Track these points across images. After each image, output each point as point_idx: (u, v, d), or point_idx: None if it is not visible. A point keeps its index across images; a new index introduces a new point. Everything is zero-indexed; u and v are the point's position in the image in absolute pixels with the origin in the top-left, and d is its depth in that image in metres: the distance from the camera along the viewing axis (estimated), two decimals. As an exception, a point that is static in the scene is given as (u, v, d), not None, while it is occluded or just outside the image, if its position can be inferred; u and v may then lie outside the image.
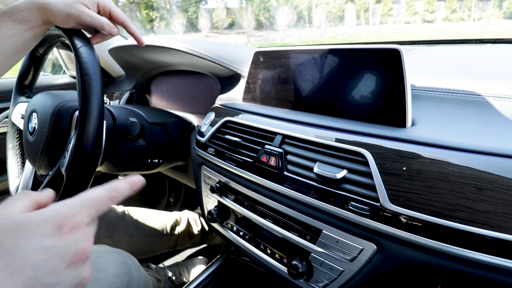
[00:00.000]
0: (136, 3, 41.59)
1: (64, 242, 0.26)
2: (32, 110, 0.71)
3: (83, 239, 0.27)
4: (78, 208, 0.28)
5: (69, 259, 0.26)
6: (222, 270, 0.81)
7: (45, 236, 0.25)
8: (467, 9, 43.08)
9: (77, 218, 0.27)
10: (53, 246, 0.25)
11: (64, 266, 0.26)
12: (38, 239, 0.25)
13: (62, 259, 0.26)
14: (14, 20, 0.56)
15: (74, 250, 0.26)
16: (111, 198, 0.31)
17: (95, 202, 0.29)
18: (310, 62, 0.61)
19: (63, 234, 0.26)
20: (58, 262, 0.25)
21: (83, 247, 0.27)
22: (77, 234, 0.27)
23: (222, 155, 0.69)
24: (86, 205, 0.29)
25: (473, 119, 0.46)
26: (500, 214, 0.37)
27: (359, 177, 0.47)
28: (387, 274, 0.46)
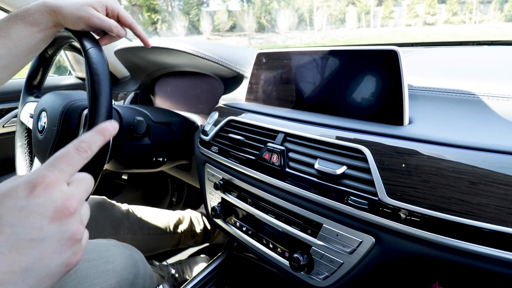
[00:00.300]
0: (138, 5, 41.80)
1: (39, 200, 0.26)
2: (41, 109, 0.74)
3: (61, 195, 0.28)
4: (47, 168, 0.28)
5: (49, 215, 0.26)
6: (224, 266, 0.83)
7: (19, 198, 0.26)
8: (468, 12, 43.12)
9: (48, 176, 0.28)
10: (28, 204, 0.26)
11: (46, 222, 0.26)
12: (12, 201, 0.26)
13: (41, 215, 0.26)
14: (26, 22, 0.59)
15: (53, 206, 0.27)
16: (79, 149, 0.30)
17: (63, 158, 0.29)
18: (310, 63, 0.63)
19: (37, 193, 0.27)
20: (37, 218, 0.26)
21: (63, 203, 0.27)
22: (52, 191, 0.27)
23: (225, 153, 0.71)
24: (54, 164, 0.29)
25: (468, 117, 0.48)
26: (492, 206, 0.39)
27: (358, 173, 0.49)
28: (385, 266, 0.48)
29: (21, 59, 0.62)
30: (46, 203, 0.27)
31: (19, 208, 0.26)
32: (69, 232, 0.28)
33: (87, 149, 0.31)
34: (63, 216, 0.27)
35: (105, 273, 0.60)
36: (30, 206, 0.26)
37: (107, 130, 0.33)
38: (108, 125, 0.33)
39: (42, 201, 0.27)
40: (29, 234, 0.26)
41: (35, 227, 0.26)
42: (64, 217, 0.27)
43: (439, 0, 45.03)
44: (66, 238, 0.27)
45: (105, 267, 0.61)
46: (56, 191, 0.27)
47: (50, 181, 0.27)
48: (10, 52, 0.59)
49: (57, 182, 0.28)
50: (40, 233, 0.26)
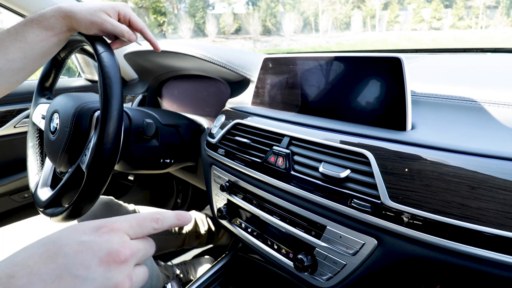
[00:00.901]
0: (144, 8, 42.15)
1: (99, 239, 0.28)
2: (54, 111, 0.76)
3: (119, 242, 0.28)
4: (120, 218, 0.31)
5: (101, 255, 0.27)
6: (229, 267, 0.84)
7: (84, 233, 0.28)
8: (474, 17, 42.91)
9: (116, 223, 0.29)
10: (87, 241, 0.27)
11: (95, 262, 0.26)
12: (77, 235, 0.28)
13: (94, 254, 0.27)
14: (41, 26, 0.61)
15: (107, 248, 0.27)
16: (153, 218, 0.32)
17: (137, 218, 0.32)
18: (316, 69, 0.64)
19: (100, 234, 0.28)
20: (89, 256, 0.26)
21: (118, 249, 0.28)
22: (113, 236, 0.28)
23: (231, 155, 0.72)
24: (127, 218, 0.31)
25: (469, 124, 0.49)
26: (492, 211, 0.40)
27: (362, 177, 0.50)
28: (387, 268, 0.49)
29: (36, 62, 0.64)
30: (103, 243, 0.28)
31: (80, 243, 0.27)
32: (113, 280, 0.27)
33: (160, 222, 0.33)
34: (113, 261, 0.27)
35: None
36: (89, 242, 0.27)
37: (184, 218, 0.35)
38: (188, 216, 0.36)
39: (100, 240, 0.28)
40: (76, 269, 0.26)
41: (83, 265, 0.26)
42: (114, 263, 0.27)
43: (445, 5, 44.90)
44: (109, 285, 0.27)
45: None
46: (116, 236, 0.29)
47: (115, 227, 0.29)
48: (26, 55, 0.61)
49: (121, 230, 0.29)
50: (86, 271, 0.26)
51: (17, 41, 0.59)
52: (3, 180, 1.19)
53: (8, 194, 1.23)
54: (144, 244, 0.31)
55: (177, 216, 0.34)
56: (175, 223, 0.34)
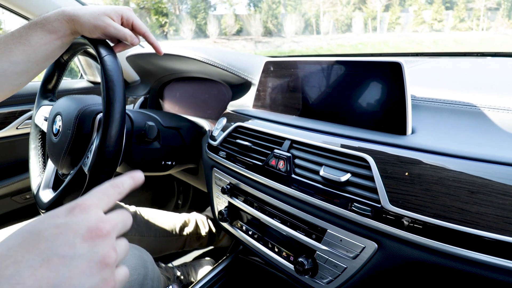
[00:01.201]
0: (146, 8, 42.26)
1: (75, 219, 0.28)
2: (56, 113, 0.76)
3: (96, 217, 0.29)
4: (87, 195, 0.32)
5: (82, 233, 0.27)
6: (230, 269, 0.84)
7: (58, 216, 0.28)
8: (475, 19, 42.91)
9: (86, 201, 0.30)
10: (64, 222, 0.28)
11: (78, 240, 0.27)
12: (52, 219, 0.28)
13: (75, 233, 0.27)
14: (45, 30, 0.61)
15: (86, 226, 0.28)
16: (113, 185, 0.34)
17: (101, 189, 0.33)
18: (317, 73, 0.65)
19: (75, 213, 0.29)
20: (71, 235, 0.27)
21: (97, 224, 0.28)
22: (88, 213, 0.29)
23: (233, 158, 0.73)
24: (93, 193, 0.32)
25: (469, 128, 0.49)
26: (491, 215, 0.40)
27: (362, 180, 0.50)
28: (387, 272, 0.49)
29: (39, 65, 0.65)
30: (81, 222, 0.28)
31: (57, 225, 0.27)
32: (99, 254, 0.28)
33: (120, 186, 0.34)
34: (95, 236, 0.28)
35: (116, 272, 0.62)
36: (66, 223, 0.28)
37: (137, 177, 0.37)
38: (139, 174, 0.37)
39: (78, 219, 0.28)
40: (61, 249, 0.26)
41: (68, 243, 0.27)
42: (96, 237, 0.28)
43: (446, 7, 44.91)
44: (96, 260, 0.27)
45: None
46: (92, 213, 0.29)
47: (87, 204, 0.30)
48: (29, 58, 0.61)
49: (93, 205, 0.30)
50: (71, 249, 0.26)
51: (21, 44, 0.60)
52: (5, 181, 1.19)
53: (10, 195, 1.23)
54: (121, 216, 0.32)
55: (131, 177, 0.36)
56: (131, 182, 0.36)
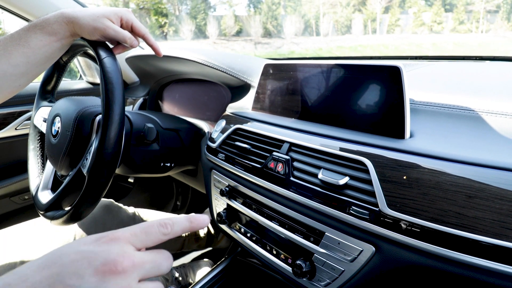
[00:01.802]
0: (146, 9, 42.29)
1: (97, 249, 0.27)
2: (55, 114, 0.76)
3: (118, 252, 0.27)
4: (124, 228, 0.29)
5: (96, 265, 0.26)
6: (228, 271, 0.84)
7: (84, 243, 0.27)
8: (475, 21, 43.03)
9: (118, 232, 0.28)
10: (85, 250, 0.27)
11: (89, 272, 0.26)
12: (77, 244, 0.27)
13: (89, 263, 0.26)
14: (44, 32, 0.61)
15: (104, 258, 0.26)
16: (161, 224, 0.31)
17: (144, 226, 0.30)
18: (316, 76, 0.65)
19: (100, 243, 0.27)
20: (85, 265, 0.26)
21: (115, 259, 0.26)
22: (113, 245, 0.27)
23: (232, 160, 0.73)
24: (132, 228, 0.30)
25: (467, 133, 0.50)
26: (488, 220, 0.40)
27: (360, 184, 0.51)
28: (385, 275, 0.50)
29: (39, 67, 0.65)
30: (100, 253, 0.27)
31: (77, 252, 0.27)
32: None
33: (169, 226, 0.31)
34: (108, 272, 0.26)
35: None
36: (85, 251, 0.27)
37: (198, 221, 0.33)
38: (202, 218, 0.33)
39: (98, 250, 0.27)
40: (69, 278, 0.25)
41: (77, 273, 0.25)
42: (109, 273, 0.26)
43: (446, 9, 45.03)
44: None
45: None
46: (116, 246, 0.27)
47: (116, 236, 0.28)
48: (29, 60, 0.61)
49: (123, 239, 0.28)
50: (79, 281, 0.25)
51: (20, 46, 0.60)
52: (4, 182, 1.19)
53: (9, 196, 1.23)
54: (154, 256, 0.29)
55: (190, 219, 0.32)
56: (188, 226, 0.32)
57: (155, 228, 0.30)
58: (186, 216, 0.33)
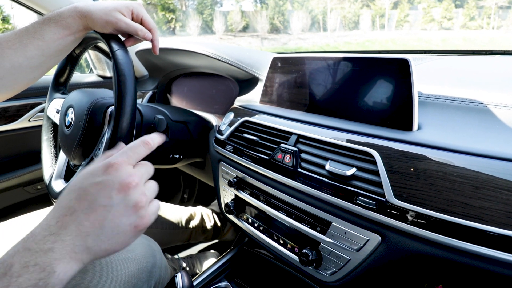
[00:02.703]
0: (153, 4, 42.31)
1: (110, 177, 0.37)
2: (69, 106, 0.78)
3: (126, 174, 0.37)
4: (120, 154, 0.40)
5: (117, 187, 0.36)
6: (235, 260, 0.86)
7: (97, 175, 0.37)
8: (486, 17, 42.22)
9: (118, 160, 0.38)
10: (101, 180, 0.37)
11: (114, 193, 0.36)
12: (93, 178, 0.37)
13: (110, 187, 0.36)
14: (58, 25, 0.63)
15: (119, 181, 0.36)
16: (144, 142, 0.42)
17: (132, 147, 0.41)
18: (324, 69, 0.66)
19: (109, 172, 0.37)
20: (108, 189, 0.36)
21: (126, 179, 0.37)
22: (119, 171, 0.37)
23: (239, 152, 0.74)
24: (124, 151, 0.40)
25: (474, 125, 0.50)
26: (494, 210, 0.41)
27: (367, 175, 0.51)
28: (390, 264, 0.50)
29: (52, 59, 0.66)
30: (115, 179, 0.37)
31: (97, 183, 0.36)
32: (132, 200, 0.37)
33: (150, 143, 0.43)
34: (126, 188, 0.37)
35: (126, 260, 0.64)
36: (103, 181, 0.37)
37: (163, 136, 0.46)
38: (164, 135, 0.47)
39: (111, 177, 0.37)
40: (102, 201, 0.36)
41: (106, 196, 0.36)
42: (128, 189, 0.37)
43: (456, 4, 44.25)
44: (130, 205, 0.36)
45: (126, 255, 0.65)
46: (123, 170, 0.38)
47: (119, 163, 0.38)
48: (43, 53, 0.63)
49: (124, 164, 0.38)
50: (110, 200, 0.36)
51: (35, 39, 0.61)
52: (17, 172, 1.22)
53: (22, 186, 1.26)
54: (144, 167, 0.41)
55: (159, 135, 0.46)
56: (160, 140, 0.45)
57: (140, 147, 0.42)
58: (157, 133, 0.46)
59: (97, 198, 0.35)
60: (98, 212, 0.35)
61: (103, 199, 0.36)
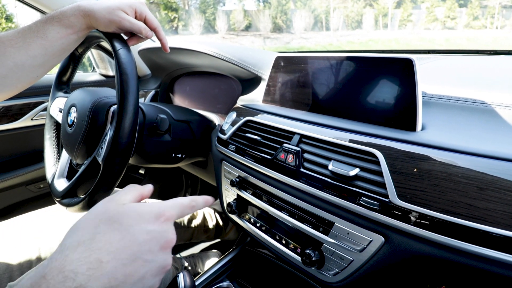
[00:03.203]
0: (156, 3, 42.37)
1: (161, 229, 0.34)
2: (71, 105, 0.78)
3: (172, 231, 0.35)
4: (171, 206, 0.36)
5: (162, 243, 0.33)
6: (237, 260, 0.86)
7: (148, 222, 0.33)
8: (490, 16, 41.98)
9: (170, 212, 0.36)
10: (153, 230, 0.33)
11: (157, 248, 0.33)
12: (144, 223, 0.33)
13: (157, 242, 0.33)
14: (61, 24, 0.63)
15: (165, 237, 0.34)
16: (191, 206, 0.40)
17: (181, 206, 0.38)
18: (327, 68, 0.65)
19: (160, 223, 0.34)
20: (155, 243, 0.33)
21: (172, 237, 0.35)
22: (168, 225, 0.35)
23: (242, 152, 0.74)
24: (176, 206, 0.37)
25: (479, 126, 0.49)
26: (499, 211, 0.41)
27: (371, 175, 0.51)
28: (394, 265, 0.50)
29: (55, 58, 0.66)
30: (163, 233, 0.34)
31: (147, 232, 0.33)
32: (167, 261, 0.34)
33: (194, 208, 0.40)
34: (168, 247, 0.34)
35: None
36: (152, 232, 0.33)
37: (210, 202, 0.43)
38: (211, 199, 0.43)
39: (161, 230, 0.34)
40: (145, 255, 0.32)
41: (151, 251, 0.33)
42: (168, 248, 0.35)
43: (459, 4, 44.02)
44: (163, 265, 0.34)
45: None
46: (170, 225, 0.35)
47: (169, 216, 0.36)
48: (46, 52, 0.63)
49: (173, 218, 0.36)
50: (152, 256, 0.33)
51: (38, 38, 0.61)
52: (20, 170, 1.23)
53: (25, 184, 1.27)
54: None
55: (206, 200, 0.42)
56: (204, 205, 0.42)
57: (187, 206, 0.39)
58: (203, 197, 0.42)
59: (142, 250, 0.32)
60: (137, 265, 0.31)
61: (147, 253, 0.32)
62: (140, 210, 0.34)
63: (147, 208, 0.34)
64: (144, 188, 0.40)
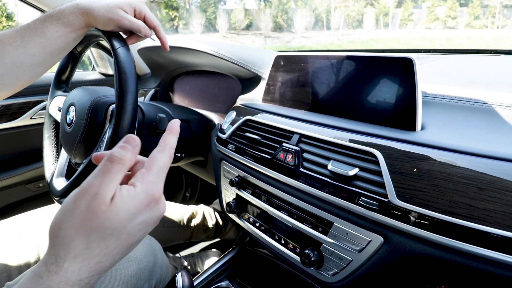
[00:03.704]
0: (156, 2, 42.34)
1: (151, 213, 0.35)
2: (70, 104, 0.78)
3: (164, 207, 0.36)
4: (156, 181, 0.36)
5: (155, 221, 0.35)
6: (236, 260, 0.86)
7: (140, 214, 0.34)
8: (491, 16, 41.91)
9: (157, 193, 0.35)
10: (144, 219, 0.34)
11: (151, 227, 0.35)
12: (136, 218, 0.33)
13: (151, 225, 0.35)
14: (60, 23, 0.62)
15: (158, 216, 0.36)
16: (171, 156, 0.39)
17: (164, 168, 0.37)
18: (327, 67, 0.65)
19: (151, 208, 0.35)
20: (149, 227, 0.35)
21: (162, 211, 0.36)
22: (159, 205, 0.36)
23: (241, 151, 0.74)
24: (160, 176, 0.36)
25: (479, 126, 0.49)
26: (498, 212, 0.40)
27: (370, 175, 0.51)
28: (393, 266, 0.50)
29: (54, 57, 0.66)
30: (155, 213, 0.35)
31: (140, 223, 0.34)
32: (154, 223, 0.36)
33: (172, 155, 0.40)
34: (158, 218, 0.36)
35: (127, 259, 0.63)
36: (145, 221, 0.34)
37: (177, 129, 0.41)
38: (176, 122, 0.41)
39: (153, 214, 0.35)
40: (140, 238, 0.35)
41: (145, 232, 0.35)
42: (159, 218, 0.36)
43: (460, 3, 43.95)
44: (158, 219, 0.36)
45: (128, 255, 0.65)
46: (161, 204, 0.36)
47: (159, 196, 0.35)
48: (45, 51, 0.63)
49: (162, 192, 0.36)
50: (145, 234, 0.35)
51: (37, 36, 0.61)
52: (19, 169, 1.22)
53: (24, 183, 1.27)
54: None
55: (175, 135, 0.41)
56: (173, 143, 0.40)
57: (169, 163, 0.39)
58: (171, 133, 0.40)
59: (137, 239, 0.34)
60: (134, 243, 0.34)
61: (142, 236, 0.35)
62: (130, 208, 0.33)
63: (136, 202, 0.33)
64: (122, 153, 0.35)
